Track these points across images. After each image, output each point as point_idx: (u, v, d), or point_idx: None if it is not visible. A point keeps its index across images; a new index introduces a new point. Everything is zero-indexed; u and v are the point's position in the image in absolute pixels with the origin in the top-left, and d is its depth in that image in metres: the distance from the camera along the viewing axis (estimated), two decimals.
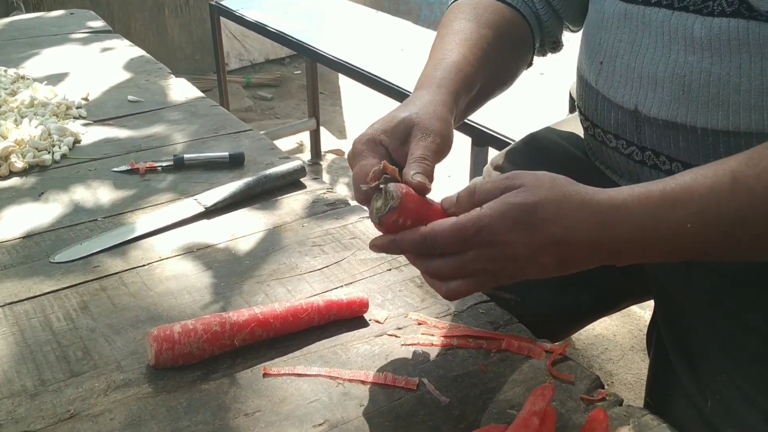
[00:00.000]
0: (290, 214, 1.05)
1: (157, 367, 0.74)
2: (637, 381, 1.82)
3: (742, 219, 0.61)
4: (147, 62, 1.69)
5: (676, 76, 0.77)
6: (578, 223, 0.64)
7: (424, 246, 0.66)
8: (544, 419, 0.64)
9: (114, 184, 1.13)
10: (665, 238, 0.64)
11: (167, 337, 0.74)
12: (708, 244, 0.64)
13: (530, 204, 0.63)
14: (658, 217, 0.63)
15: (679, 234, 0.63)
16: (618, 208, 0.63)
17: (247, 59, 4.53)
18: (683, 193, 0.63)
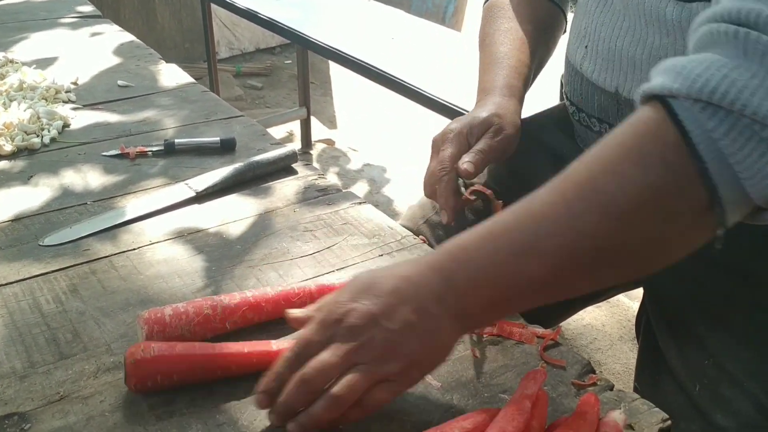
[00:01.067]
0: (282, 200, 1.05)
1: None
2: (626, 370, 1.84)
3: (583, 232, 0.56)
4: (137, 47, 1.68)
5: (653, 58, 0.78)
6: (422, 276, 0.61)
7: (298, 351, 0.63)
8: (535, 403, 0.64)
9: (104, 169, 1.12)
10: (521, 282, 0.59)
11: (158, 320, 0.73)
12: (577, 275, 0.61)
13: (372, 276, 0.63)
14: (507, 256, 0.58)
15: (535, 272, 0.58)
16: (456, 248, 0.61)
17: (237, 48, 4.51)
18: (524, 224, 0.59)
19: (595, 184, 0.55)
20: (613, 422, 0.65)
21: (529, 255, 0.57)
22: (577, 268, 0.59)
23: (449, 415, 0.68)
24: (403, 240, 0.96)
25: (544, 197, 0.58)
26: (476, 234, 0.60)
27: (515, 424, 0.61)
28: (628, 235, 0.55)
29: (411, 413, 0.68)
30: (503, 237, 0.58)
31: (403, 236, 0.97)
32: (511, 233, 0.58)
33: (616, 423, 0.65)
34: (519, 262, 0.57)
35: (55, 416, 0.67)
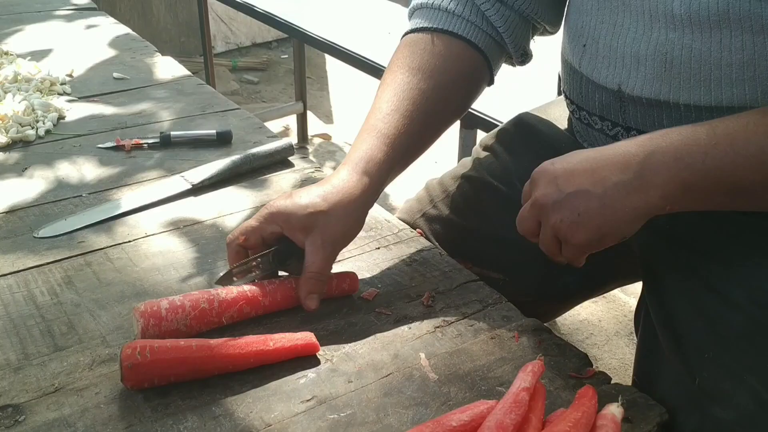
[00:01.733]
0: (278, 192, 1.04)
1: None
2: (622, 366, 1.84)
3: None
4: (132, 40, 1.67)
5: (658, 53, 0.77)
6: (612, 151, 0.72)
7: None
8: (533, 396, 0.64)
9: (99, 161, 1.11)
10: (696, 158, 0.68)
11: (154, 313, 0.73)
12: (736, 174, 0.68)
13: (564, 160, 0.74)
14: (689, 136, 0.68)
15: (708, 153, 0.67)
16: (654, 136, 0.70)
17: (233, 42, 4.49)
18: (710, 122, 0.69)
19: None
20: (610, 415, 0.64)
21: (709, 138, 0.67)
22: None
23: (447, 407, 0.68)
24: (399, 233, 0.95)
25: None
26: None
27: (513, 417, 0.60)
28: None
29: (408, 406, 0.68)
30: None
31: (400, 229, 0.96)
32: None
33: (614, 416, 0.64)
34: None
35: (49, 408, 0.66)
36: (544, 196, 0.74)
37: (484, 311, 0.81)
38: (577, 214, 0.72)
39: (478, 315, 0.81)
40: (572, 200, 0.72)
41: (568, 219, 0.72)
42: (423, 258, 0.90)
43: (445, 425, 0.61)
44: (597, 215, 0.71)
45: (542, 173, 0.76)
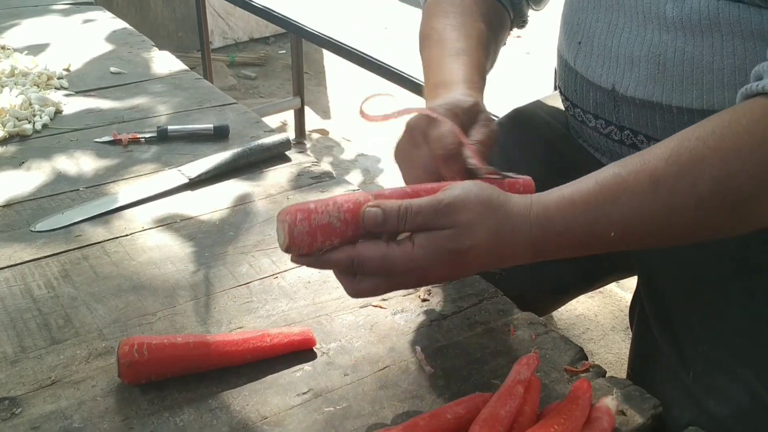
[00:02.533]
0: (275, 187, 1.04)
1: (290, 249, 0.65)
2: (618, 360, 1.84)
3: (666, 221, 0.63)
4: (129, 34, 1.67)
5: (652, 55, 0.78)
6: (512, 251, 0.66)
7: (350, 267, 0.66)
8: (528, 388, 0.64)
9: (96, 155, 1.11)
10: (595, 244, 0.66)
11: (301, 209, 0.66)
12: (636, 243, 0.67)
13: (464, 249, 0.64)
14: (584, 226, 0.64)
15: (606, 238, 0.65)
16: (546, 227, 0.65)
17: (231, 38, 4.48)
18: (606, 200, 0.64)
19: (695, 177, 0.61)
20: (605, 408, 0.65)
21: (606, 225, 0.64)
22: (653, 241, 0.68)
23: (442, 400, 0.68)
24: None
25: (637, 174, 0.64)
26: (566, 200, 0.66)
27: (508, 409, 0.61)
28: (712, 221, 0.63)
29: (404, 399, 0.68)
30: (588, 205, 0.65)
31: None
32: (600, 204, 0.64)
33: (609, 409, 0.65)
34: (596, 230, 0.65)
35: (46, 401, 0.66)
36: (442, 275, 0.69)
37: (480, 305, 0.81)
38: (419, 282, 0.71)
39: (474, 309, 0.81)
40: (432, 276, 0.69)
41: (410, 286, 0.72)
42: None
43: (441, 418, 0.62)
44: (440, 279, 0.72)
45: (454, 253, 0.65)
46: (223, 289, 0.82)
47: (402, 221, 0.64)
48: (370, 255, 0.64)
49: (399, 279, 0.66)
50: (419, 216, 0.64)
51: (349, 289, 0.68)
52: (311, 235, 0.64)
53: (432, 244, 0.64)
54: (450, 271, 0.66)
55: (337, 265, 0.66)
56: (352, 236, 0.66)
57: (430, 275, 0.67)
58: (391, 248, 0.64)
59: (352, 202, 0.66)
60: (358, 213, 0.65)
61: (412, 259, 0.64)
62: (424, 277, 0.67)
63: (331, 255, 0.65)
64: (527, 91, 1.70)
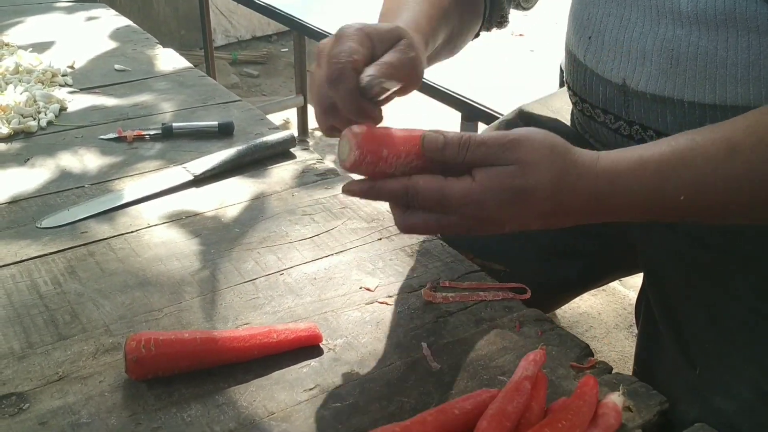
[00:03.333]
0: (280, 183, 1.05)
1: (355, 166, 0.63)
2: (621, 358, 1.84)
3: (737, 189, 0.62)
4: (133, 32, 1.67)
5: (665, 49, 0.77)
6: (574, 199, 0.63)
7: (404, 198, 0.63)
8: (535, 385, 0.64)
9: (101, 152, 1.11)
10: (658, 208, 0.64)
11: (371, 128, 0.65)
12: (700, 212, 0.65)
13: (526, 188, 0.61)
14: (652, 190, 0.62)
15: (672, 203, 0.63)
16: (613, 182, 0.63)
17: (233, 36, 4.49)
18: (679, 162, 0.62)
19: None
20: (612, 404, 0.65)
21: (677, 187, 0.62)
22: (720, 212, 0.66)
23: (448, 396, 0.68)
24: None
25: (714, 140, 0.63)
26: (636, 161, 0.63)
27: (515, 405, 0.61)
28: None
29: (410, 395, 0.68)
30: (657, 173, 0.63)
31: None
32: (666, 172, 0.63)
33: (615, 405, 0.65)
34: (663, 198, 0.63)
35: (53, 396, 0.67)
36: (499, 217, 0.64)
37: (485, 302, 0.81)
38: (486, 233, 0.66)
39: (479, 305, 0.81)
40: (506, 228, 0.65)
41: (476, 232, 0.66)
42: (425, 249, 0.90)
43: (448, 413, 0.62)
44: (499, 232, 0.66)
45: (521, 192, 0.62)
46: (229, 285, 0.83)
47: (464, 149, 0.61)
48: (426, 185, 0.61)
49: (452, 217, 0.63)
50: (482, 146, 0.61)
51: (399, 221, 0.65)
52: (378, 156, 0.62)
53: (493, 180, 0.61)
54: (508, 212, 0.62)
55: (391, 194, 0.63)
56: (414, 168, 0.64)
57: (486, 215, 0.62)
58: (449, 181, 0.61)
59: (418, 134, 0.64)
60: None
61: (469, 193, 0.60)
62: (479, 216, 0.62)
63: (385, 183, 0.62)
64: (532, 90, 1.70)
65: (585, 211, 0.64)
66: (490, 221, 0.64)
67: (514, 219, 0.63)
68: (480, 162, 0.62)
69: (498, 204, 0.61)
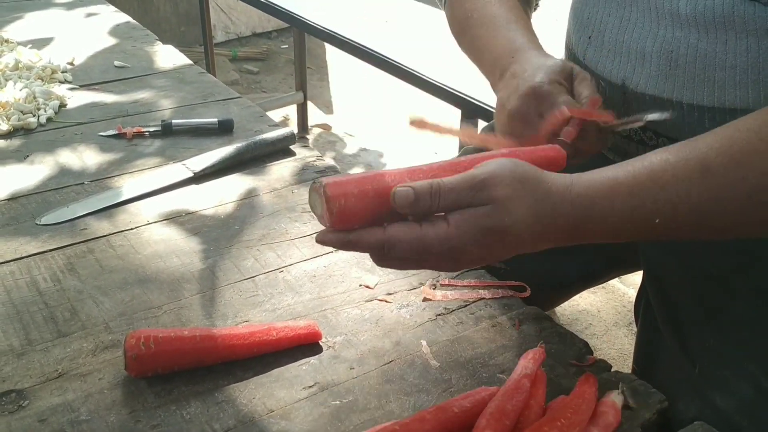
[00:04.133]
0: (280, 181, 1.04)
1: (328, 223, 0.62)
2: (621, 356, 1.84)
3: (711, 209, 0.61)
4: (133, 28, 1.67)
5: (664, 51, 0.77)
6: (551, 228, 0.62)
7: (381, 251, 0.62)
8: (534, 383, 0.64)
9: (101, 148, 1.11)
10: (633, 230, 0.63)
11: (340, 182, 0.62)
12: (676, 232, 0.65)
13: (503, 226, 0.60)
14: (627, 214, 0.62)
15: (647, 225, 0.62)
16: (588, 209, 0.62)
17: (233, 32, 4.48)
18: (653, 185, 0.62)
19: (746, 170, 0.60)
20: (611, 402, 0.65)
21: (652, 210, 0.62)
22: (697, 231, 0.65)
23: (448, 394, 0.68)
24: None
25: (687, 161, 0.62)
26: (609, 185, 0.63)
27: (514, 403, 0.61)
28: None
29: (410, 392, 0.68)
30: (633, 193, 0.62)
31: None
32: (645, 190, 0.62)
33: (614, 403, 0.65)
34: (638, 218, 0.62)
35: (53, 393, 0.67)
36: (480, 256, 0.63)
37: (485, 300, 0.81)
38: (453, 265, 0.65)
39: (479, 303, 0.81)
40: (468, 258, 0.64)
41: (440, 268, 0.67)
42: None
43: (447, 411, 0.62)
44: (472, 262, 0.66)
45: (494, 231, 0.61)
46: (229, 282, 0.83)
47: (435, 199, 0.60)
48: (403, 238, 0.61)
49: (432, 258, 0.62)
50: (453, 193, 0.61)
51: (377, 262, 0.65)
52: (349, 212, 0.62)
53: (469, 223, 0.60)
54: (488, 251, 0.62)
55: (368, 248, 0.63)
56: (385, 215, 0.63)
57: (466, 257, 0.62)
58: (425, 229, 0.61)
59: (387, 180, 0.63)
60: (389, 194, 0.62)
61: (447, 239, 0.60)
62: (459, 259, 0.63)
63: (361, 236, 0.62)
64: None
65: (563, 237, 0.63)
66: (470, 260, 0.64)
67: (493, 255, 0.63)
68: (453, 206, 0.61)
69: (476, 245, 0.61)
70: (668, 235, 0.65)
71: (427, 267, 0.65)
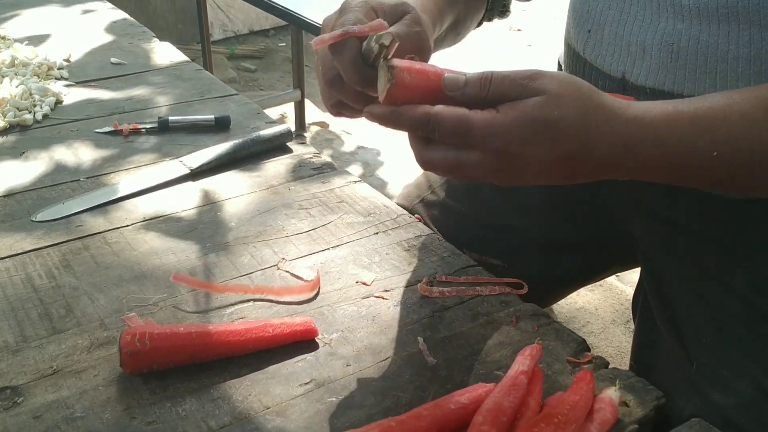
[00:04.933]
0: (276, 178, 1.04)
1: (391, 97, 0.61)
2: (618, 353, 1.84)
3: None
4: (130, 25, 1.66)
5: (665, 43, 0.77)
6: (601, 141, 0.59)
7: (426, 128, 0.59)
8: (532, 379, 0.64)
9: (96, 145, 1.11)
10: (689, 164, 0.62)
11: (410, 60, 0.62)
12: (730, 173, 0.63)
13: (551, 120, 0.57)
14: (685, 141, 0.60)
15: (704, 160, 0.60)
16: (644, 129, 0.60)
17: (231, 30, 4.47)
18: (715, 118, 0.60)
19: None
20: (608, 399, 0.65)
21: (711, 141, 0.60)
22: (755, 172, 0.63)
23: (444, 391, 0.68)
24: (398, 218, 0.95)
25: (749, 99, 0.61)
26: (671, 114, 0.61)
27: (511, 399, 0.61)
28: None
29: (406, 389, 0.68)
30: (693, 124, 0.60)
31: (399, 215, 0.96)
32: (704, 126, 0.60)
33: (612, 400, 0.65)
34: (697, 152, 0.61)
35: (48, 390, 0.66)
36: (523, 155, 0.60)
37: (482, 296, 0.81)
38: (507, 182, 0.62)
39: (476, 300, 0.81)
40: (529, 177, 0.61)
41: (496, 179, 0.63)
42: (421, 243, 0.90)
43: (444, 408, 0.61)
44: (521, 182, 0.63)
45: (544, 133, 0.59)
46: (225, 279, 0.82)
47: (486, 85, 0.58)
48: (449, 115, 0.58)
49: (473, 153, 0.59)
50: (506, 80, 0.58)
51: (418, 155, 0.62)
52: (408, 87, 0.60)
53: (517, 110, 0.57)
54: (531, 150, 0.58)
55: (412, 121, 0.59)
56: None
57: (509, 150, 0.58)
58: (472, 112, 0.58)
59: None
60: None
61: (493, 124, 0.57)
62: (502, 152, 0.59)
63: (407, 109, 0.59)
64: None
65: (610, 157, 0.60)
66: (513, 160, 0.60)
67: (537, 160, 0.59)
68: (504, 96, 0.59)
69: (522, 138, 0.58)
70: (720, 177, 0.63)
71: (469, 168, 0.60)
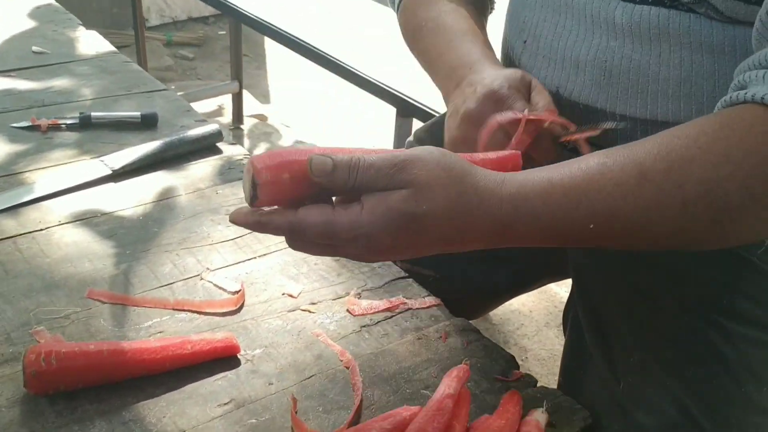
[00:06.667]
0: (204, 180, 1.00)
1: (257, 204, 0.59)
2: (551, 357, 1.86)
3: (647, 216, 0.59)
4: (55, 11, 1.58)
5: (598, 60, 0.76)
6: (475, 224, 0.59)
7: (292, 234, 0.59)
8: (458, 401, 0.63)
9: (12, 140, 1.05)
10: (568, 235, 0.61)
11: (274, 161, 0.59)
12: (609, 240, 0.63)
13: (419, 214, 0.56)
14: (560, 216, 0.59)
15: (582, 232, 0.60)
16: (519, 207, 0.59)
17: (168, 16, 4.36)
18: (589, 189, 0.59)
19: (682, 176, 0.58)
20: (534, 422, 0.64)
21: (587, 214, 0.59)
22: (631, 240, 0.63)
23: (370, 412, 0.66)
24: None
25: (624, 166, 0.60)
26: (544, 186, 0.60)
27: (435, 425, 0.59)
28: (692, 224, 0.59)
29: (330, 410, 0.66)
30: (569, 193, 0.60)
31: None
32: (582, 192, 0.60)
33: (538, 422, 0.64)
34: (573, 220, 0.60)
35: None
36: (392, 245, 0.59)
37: (411, 310, 0.79)
38: (366, 252, 0.61)
39: (405, 314, 0.79)
40: (381, 247, 0.59)
41: (355, 257, 0.63)
42: None
43: None
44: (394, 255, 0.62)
45: (409, 218, 0.57)
46: (144, 290, 0.78)
47: (353, 173, 0.56)
48: (312, 221, 0.57)
49: (344, 249, 0.59)
50: (372, 169, 0.56)
51: (288, 243, 0.61)
52: (274, 190, 0.58)
53: (382, 206, 0.56)
54: (401, 240, 0.58)
55: (277, 230, 0.59)
56: (311, 196, 0.60)
57: (377, 245, 0.58)
58: (337, 212, 0.57)
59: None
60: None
61: (358, 225, 0.56)
62: (370, 247, 0.58)
63: (271, 218, 0.58)
64: None
65: (489, 236, 0.60)
66: (384, 250, 0.59)
67: (410, 247, 0.59)
68: (370, 186, 0.57)
69: (388, 233, 0.57)
70: (601, 242, 0.63)
71: (342, 254, 0.61)
